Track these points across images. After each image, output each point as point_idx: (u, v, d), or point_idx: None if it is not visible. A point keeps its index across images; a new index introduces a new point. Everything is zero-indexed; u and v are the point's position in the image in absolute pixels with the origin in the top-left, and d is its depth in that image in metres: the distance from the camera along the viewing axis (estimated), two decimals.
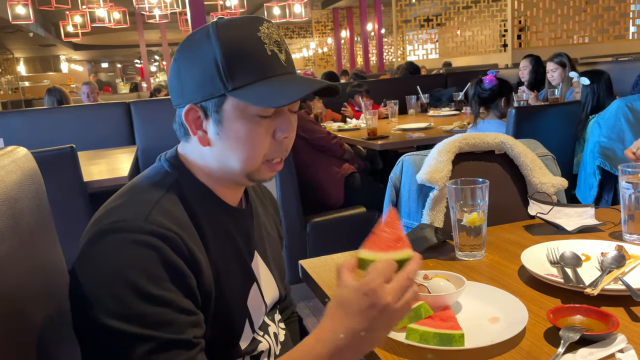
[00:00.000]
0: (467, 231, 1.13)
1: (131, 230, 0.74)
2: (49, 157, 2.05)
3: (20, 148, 0.91)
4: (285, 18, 10.08)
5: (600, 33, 7.54)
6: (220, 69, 0.78)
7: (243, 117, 0.80)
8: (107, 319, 0.70)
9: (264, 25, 0.81)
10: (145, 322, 0.70)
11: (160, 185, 0.83)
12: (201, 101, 0.81)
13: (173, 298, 0.73)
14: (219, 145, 0.83)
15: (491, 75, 2.73)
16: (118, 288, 0.71)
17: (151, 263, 0.72)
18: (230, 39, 0.79)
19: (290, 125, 0.84)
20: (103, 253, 0.73)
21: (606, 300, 0.90)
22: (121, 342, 0.70)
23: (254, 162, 0.83)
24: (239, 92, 0.79)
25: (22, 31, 14.61)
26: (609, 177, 2.51)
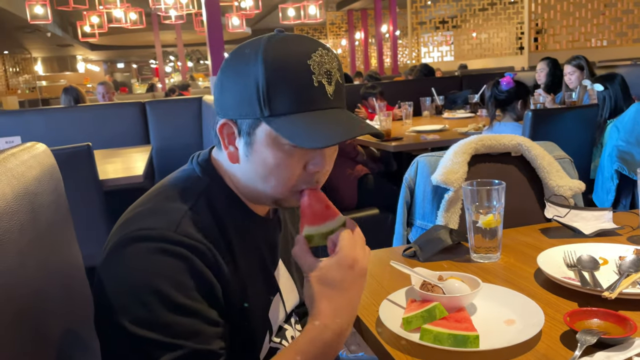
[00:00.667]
0: (482, 233, 1.12)
1: (160, 239, 0.72)
2: (65, 155, 2.07)
3: (40, 144, 0.92)
4: (300, 19, 10.10)
5: (619, 36, 7.45)
6: (259, 92, 0.74)
7: (274, 145, 0.76)
8: (133, 326, 0.69)
9: (318, 52, 0.76)
10: (172, 332, 0.70)
11: (191, 193, 0.81)
12: (237, 119, 0.78)
13: (200, 308, 0.73)
14: (247, 166, 0.80)
15: (508, 77, 2.71)
16: (146, 296, 0.70)
17: (179, 272, 0.72)
18: (275, 62, 0.74)
19: (324, 159, 0.79)
20: (131, 260, 0.72)
21: (624, 304, 0.88)
22: (146, 350, 0.69)
23: (280, 190, 0.80)
24: (274, 121, 0.75)
25: (40, 31, 14.83)
26: (626, 181, 2.48)
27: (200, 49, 23.39)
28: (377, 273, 1.12)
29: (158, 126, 3.93)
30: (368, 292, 1.02)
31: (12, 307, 0.63)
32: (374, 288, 1.04)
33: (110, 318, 0.71)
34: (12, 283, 0.64)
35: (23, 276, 0.67)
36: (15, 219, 0.67)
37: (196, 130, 3.91)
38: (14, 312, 0.63)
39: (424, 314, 0.84)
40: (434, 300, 0.86)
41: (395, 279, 1.06)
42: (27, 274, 0.69)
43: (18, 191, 0.70)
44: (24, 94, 18.24)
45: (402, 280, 1.03)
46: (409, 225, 1.54)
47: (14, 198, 0.68)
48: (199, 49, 23.46)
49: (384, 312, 0.89)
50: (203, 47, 20.85)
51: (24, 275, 0.67)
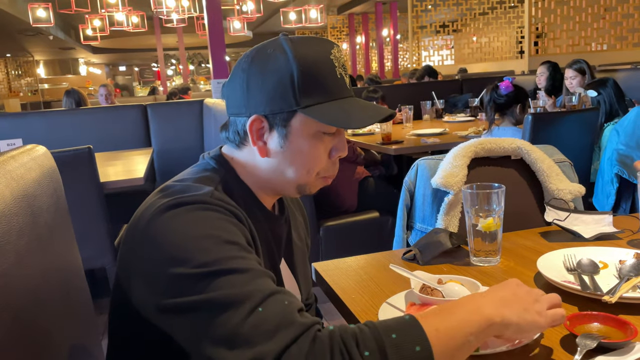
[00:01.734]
0: (482, 236, 1.12)
1: (199, 201, 0.76)
2: (66, 157, 2.08)
3: (40, 146, 0.93)
4: (301, 23, 10.12)
5: (619, 40, 7.45)
6: (295, 85, 0.81)
7: (308, 133, 0.84)
8: (197, 269, 0.68)
9: (335, 48, 0.85)
10: (234, 261, 0.70)
11: (212, 179, 0.85)
12: (269, 114, 0.83)
13: (249, 250, 0.75)
14: (278, 157, 0.86)
15: (507, 81, 2.71)
16: (201, 242, 0.71)
17: (223, 222, 0.75)
18: (307, 58, 0.82)
19: (345, 145, 0.88)
20: (179, 223, 0.73)
21: (624, 309, 0.88)
22: (210, 282, 0.68)
23: (309, 176, 0.87)
24: (310, 110, 0.82)
25: (43, 34, 14.86)
26: (627, 185, 2.47)
27: (201, 52, 23.44)
28: (377, 276, 1.12)
29: (159, 129, 3.94)
30: (367, 295, 1.02)
31: (10, 310, 0.63)
32: (373, 291, 1.04)
33: (161, 276, 0.70)
34: (11, 285, 0.64)
35: (21, 278, 0.67)
36: (14, 221, 0.67)
37: (197, 133, 3.92)
38: (13, 314, 0.63)
39: None
40: (433, 304, 0.86)
41: (395, 282, 1.06)
42: (25, 276, 0.69)
43: (17, 193, 0.70)
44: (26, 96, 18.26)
45: (402, 284, 1.03)
46: (408, 228, 1.54)
47: (13, 200, 0.68)
48: (201, 52, 23.52)
49: (383, 316, 0.89)
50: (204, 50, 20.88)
51: (22, 278, 0.67)
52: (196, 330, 0.67)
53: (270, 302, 0.67)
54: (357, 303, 0.99)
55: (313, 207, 2.69)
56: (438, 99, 4.52)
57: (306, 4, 10.11)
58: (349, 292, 1.04)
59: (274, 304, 0.67)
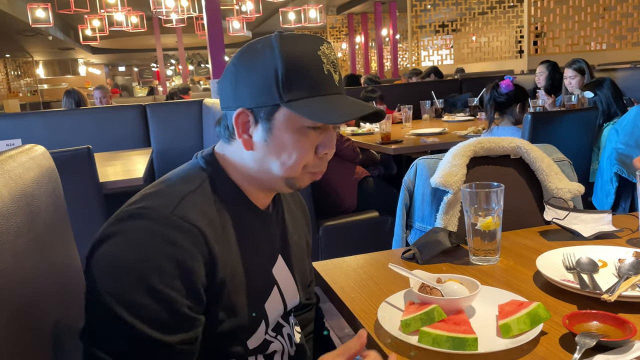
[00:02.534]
0: (481, 235, 1.12)
1: (154, 219, 0.77)
2: (65, 157, 2.07)
3: (38, 146, 0.92)
4: (301, 23, 10.11)
5: (618, 40, 7.45)
6: (278, 79, 0.82)
7: (292, 127, 0.84)
8: (106, 295, 0.73)
9: (324, 45, 0.85)
10: (136, 312, 0.73)
11: (194, 179, 0.86)
12: (254, 107, 0.84)
13: (174, 298, 0.75)
14: (262, 150, 0.86)
15: (508, 80, 2.71)
16: (127, 272, 0.74)
17: (165, 258, 0.75)
18: (292, 53, 0.83)
19: (332, 141, 0.88)
20: (123, 234, 0.77)
21: (623, 307, 0.88)
22: (109, 320, 0.73)
23: (294, 170, 0.87)
24: (293, 104, 0.82)
25: (42, 34, 14.85)
26: (626, 184, 2.48)
27: (201, 52, 23.43)
28: (376, 275, 1.11)
29: (159, 129, 3.94)
30: (367, 295, 1.02)
31: (7, 309, 0.63)
32: (373, 290, 1.04)
33: (93, 285, 0.75)
34: (8, 285, 0.64)
35: (20, 278, 0.67)
36: (12, 220, 0.67)
37: (197, 133, 3.92)
38: (10, 314, 0.63)
39: (423, 316, 0.83)
40: (432, 303, 0.86)
41: (394, 281, 1.06)
42: (23, 276, 0.68)
43: (15, 193, 0.70)
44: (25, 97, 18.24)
45: (401, 283, 1.03)
46: (408, 227, 1.54)
47: (11, 200, 0.68)
48: (200, 52, 23.50)
49: (382, 315, 0.89)
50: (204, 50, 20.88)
51: (20, 277, 0.67)
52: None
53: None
54: (357, 302, 0.99)
55: (312, 206, 2.69)
56: (437, 99, 4.52)
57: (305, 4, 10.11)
58: (348, 292, 1.04)
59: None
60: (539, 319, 0.81)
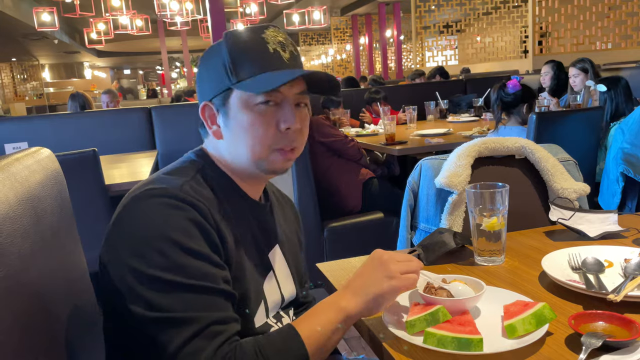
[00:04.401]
0: (486, 236, 1.12)
1: (166, 195, 0.82)
2: (71, 160, 2.09)
3: (44, 149, 0.93)
4: (305, 25, 10.13)
5: (624, 39, 7.41)
6: (226, 66, 0.89)
7: (246, 107, 0.88)
8: (153, 270, 0.77)
9: (270, 29, 0.91)
10: (186, 272, 0.78)
11: (189, 170, 0.91)
12: (212, 98, 0.91)
13: (207, 253, 0.81)
14: (228, 136, 0.92)
15: (515, 80, 2.69)
16: (160, 243, 0.79)
17: (185, 222, 0.81)
18: (236, 41, 0.90)
19: (293, 116, 0.90)
20: (142, 213, 0.82)
21: (629, 307, 0.88)
22: (166, 290, 0.77)
23: (259, 150, 0.90)
24: (240, 84, 0.88)
25: (47, 38, 14.94)
26: (632, 183, 2.46)
27: None
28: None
29: (164, 131, 3.95)
30: None
31: (14, 311, 0.63)
32: None
33: (128, 269, 0.79)
34: (15, 287, 0.64)
35: (26, 280, 0.68)
36: (18, 223, 0.67)
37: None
38: (16, 316, 0.64)
39: (428, 317, 0.83)
40: (437, 304, 0.86)
41: None
42: (30, 278, 0.69)
43: (21, 196, 0.71)
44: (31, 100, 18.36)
45: None
46: (412, 228, 1.53)
47: (17, 202, 0.69)
48: None
49: (387, 315, 0.89)
50: None
51: (26, 280, 0.68)
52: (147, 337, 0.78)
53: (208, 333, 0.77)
54: None
55: (317, 208, 2.69)
56: (442, 99, 4.51)
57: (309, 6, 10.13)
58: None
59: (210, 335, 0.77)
60: (545, 319, 0.81)
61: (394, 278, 0.83)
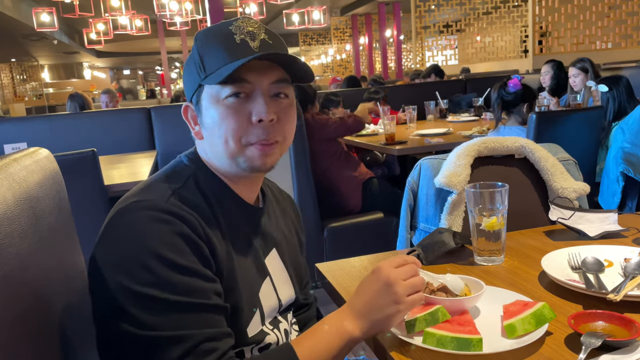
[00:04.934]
0: (486, 236, 1.12)
1: (152, 208, 0.80)
2: (70, 160, 2.08)
3: (42, 149, 0.93)
4: (304, 25, 10.13)
5: (624, 38, 7.41)
6: (196, 63, 0.88)
7: (215, 101, 0.86)
8: (140, 287, 0.75)
9: (239, 21, 0.88)
10: (175, 289, 0.76)
11: (180, 175, 0.89)
12: (191, 98, 0.90)
13: (197, 268, 0.79)
14: (206, 135, 0.90)
15: (516, 79, 2.69)
16: (147, 259, 0.76)
17: (173, 236, 0.78)
18: (204, 38, 0.89)
19: (264, 107, 0.85)
20: (128, 228, 0.79)
21: (629, 307, 0.88)
22: (155, 308, 0.75)
23: (233, 145, 0.86)
24: (208, 79, 0.86)
25: (47, 38, 14.94)
26: (632, 183, 2.46)
27: None
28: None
29: (163, 132, 3.95)
30: None
31: (12, 312, 0.63)
32: None
33: (115, 285, 0.76)
34: (13, 287, 0.64)
35: (24, 280, 0.67)
36: (16, 223, 0.67)
37: None
38: (16, 316, 0.63)
39: (427, 317, 0.83)
40: (437, 304, 0.86)
41: None
42: (28, 278, 0.69)
43: (19, 196, 0.71)
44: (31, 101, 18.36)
45: None
46: (412, 228, 1.53)
47: (15, 203, 0.69)
48: None
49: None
50: None
51: (25, 280, 0.68)
52: (137, 356, 0.76)
53: (200, 351, 0.75)
54: None
55: (317, 208, 2.69)
56: (442, 99, 4.51)
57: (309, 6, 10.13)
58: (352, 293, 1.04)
59: (202, 354, 0.75)
60: (544, 319, 0.80)
61: (401, 303, 0.81)
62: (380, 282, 0.82)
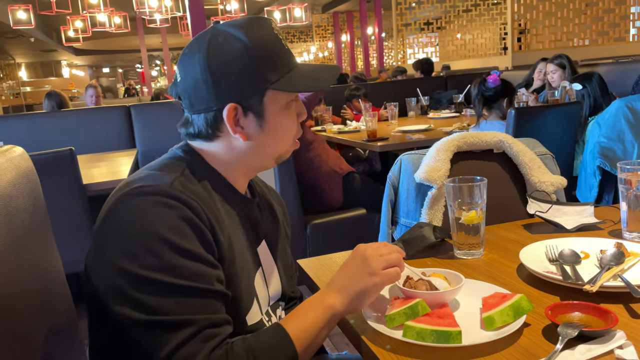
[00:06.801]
0: (465, 230, 1.13)
1: (157, 193, 0.80)
2: (48, 159, 2.05)
3: (17, 147, 0.91)
4: (286, 22, 10.09)
5: (601, 35, 7.53)
6: (258, 66, 0.86)
7: (280, 106, 0.90)
8: (145, 271, 0.75)
9: (272, 23, 0.91)
10: (179, 273, 0.76)
11: (177, 165, 0.89)
12: (242, 100, 0.88)
13: (201, 253, 0.79)
14: (259, 137, 0.90)
15: (495, 75, 2.72)
16: (152, 243, 0.76)
17: (178, 221, 0.79)
18: (260, 39, 0.87)
19: (304, 108, 0.95)
20: (133, 213, 0.78)
21: (605, 298, 0.89)
22: (159, 292, 0.75)
23: (288, 145, 0.95)
24: (277, 84, 0.88)
25: (24, 36, 14.66)
26: (609, 177, 2.50)
27: None
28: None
29: (143, 130, 3.91)
30: None
31: None
32: None
33: (117, 268, 0.76)
34: None
35: None
36: None
37: None
38: None
39: (407, 310, 0.83)
40: (416, 297, 0.86)
41: None
42: (2, 277, 0.67)
43: None
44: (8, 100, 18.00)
45: None
46: (393, 223, 1.54)
47: None
48: None
49: (367, 310, 0.89)
50: None
51: None
52: (138, 340, 0.76)
53: (202, 337, 0.75)
54: None
55: (299, 204, 2.69)
56: (423, 96, 4.54)
57: (290, 3, 10.10)
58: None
59: (204, 339, 0.76)
60: (522, 310, 0.81)
61: (376, 275, 0.84)
62: (357, 257, 0.86)
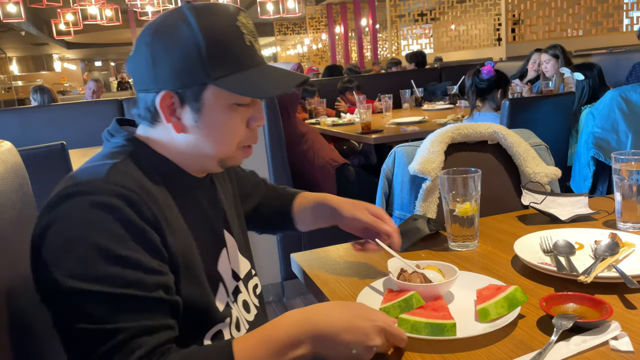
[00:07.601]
0: (459, 221, 1.12)
1: (90, 192, 0.72)
2: (38, 154, 2.02)
3: (4, 142, 0.89)
4: (279, 14, 10.02)
5: (594, 26, 7.52)
6: (202, 57, 0.78)
7: (222, 105, 0.81)
8: (72, 281, 0.68)
9: (241, 15, 0.82)
10: (112, 282, 0.70)
11: (118, 154, 0.82)
12: (179, 89, 0.80)
13: (139, 258, 0.72)
14: (195, 132, 0.83)
15: (489, 65, 2.71)
16: (83, 251, 0.69)
17: (113, 224, 0.71)
18: (212, 28, 0.79)
19: (262, 114, 0.87)
20: (64, 217, 0.71)
21: (600, 288, 0.89)
22: (88, 302, 0.69)
23: (228, 148, 0.85)
24: (221, 82, 0.79)
25: (14, 30, 14.51)
26: (603, 168, 2.51)
27: None
28: (356, 265, 1.11)
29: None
30: (347, 284, 1.01)
31: None
32: (353, 280, 1.03)
33: (48, 276, 0.70)
34: None
35: None
36: None
37: None
38: None
39: (401, 303, 0.83)
40: (411, 290, 0.86)
41: (374, 270, 1.06)
42: None
43: None
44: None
45: (381, 271, 1.03)
46: None
47: None
48: None
49: (361, 300, 0.89)
50: None
51: None
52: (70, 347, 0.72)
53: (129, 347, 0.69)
54: (336, 293, 0.98)
55: None
56: (417, 88, 4.53)
57: None
58: (328, 282, 1.03)
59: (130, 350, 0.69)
60: (517, 302, 0.81)
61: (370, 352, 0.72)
62: (359, 329, 0.72)
